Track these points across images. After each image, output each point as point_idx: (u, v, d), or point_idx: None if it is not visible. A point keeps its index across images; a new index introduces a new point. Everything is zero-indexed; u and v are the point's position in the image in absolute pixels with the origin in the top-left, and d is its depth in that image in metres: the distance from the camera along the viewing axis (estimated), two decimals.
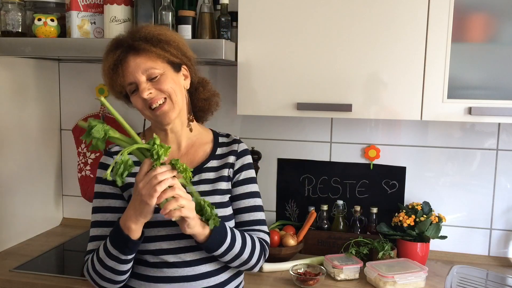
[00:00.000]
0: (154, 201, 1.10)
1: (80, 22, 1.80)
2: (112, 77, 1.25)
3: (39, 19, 1.79)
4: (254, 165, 2.04)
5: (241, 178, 1.37)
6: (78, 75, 2.26)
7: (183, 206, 1.12)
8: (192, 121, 1.38)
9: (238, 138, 1.43)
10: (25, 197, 2.08)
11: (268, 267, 1.78)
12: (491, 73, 1.62)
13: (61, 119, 2.31)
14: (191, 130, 1.37)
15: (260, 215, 1.39)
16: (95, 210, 1.34)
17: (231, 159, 1.37)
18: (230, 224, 1.33)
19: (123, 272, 1.22)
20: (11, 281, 1.70)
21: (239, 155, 1.38)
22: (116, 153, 1.33)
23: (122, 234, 1.17)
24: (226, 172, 1.35)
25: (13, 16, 1.82)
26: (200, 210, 1.20)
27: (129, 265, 1.23)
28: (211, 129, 1.45)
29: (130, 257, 1.20)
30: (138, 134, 1.35)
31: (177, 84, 1.28)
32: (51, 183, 2.27)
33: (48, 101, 2.22)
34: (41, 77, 2.16)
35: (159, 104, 1.25)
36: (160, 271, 1.27)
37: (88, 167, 2.22)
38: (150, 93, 1.23)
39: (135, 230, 1.17)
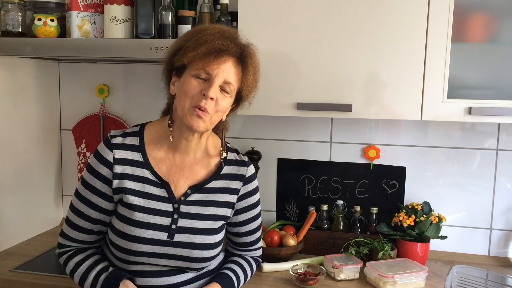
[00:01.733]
0: None
1: (80, 22, 1.80)
2: (198, 52, 1.18)
3: (39, 19, 1.79)
4: (254, 165, 2.05)
5: (245, 205, 1.37)
6: (78, 75, 2.26)
7: None
8: (224, 154, 1.34)
9: (248, 161, 1.39)
10: (25, 197, 2.08)
11: (268, 267, 1.78)
12: (491, 73, 1.62)
13: (61, 119, 2.31)
14: (221, 157, 1.34)
15: (259, 233, 1.45)
16: (81, 198, 1.29)
17: (237, 184, 1.34)
18: (217, 250, 1.32)
19: None
20: (11, 281, 1.70)
21: (246, 181, 1.36)
22: (117, 146, 1.27)
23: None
24: (229, 198, 1.33)
25: (13, 16, 1.82)
26: None
27: None
28: (220, 138, 1.38)
29: None
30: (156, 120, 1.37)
31: (225, 111, 1.28)
32: (51, 183, 2.27)
33: (48, 101, 2.22)
34: (41, 77, 2.16)
35: (202, 111, 1.20)
36: (137, 280, 1.28)
37: None
38: (212, 98, 1.20)
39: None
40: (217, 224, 1.31)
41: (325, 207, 1.99)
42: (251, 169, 1.38)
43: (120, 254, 1.27)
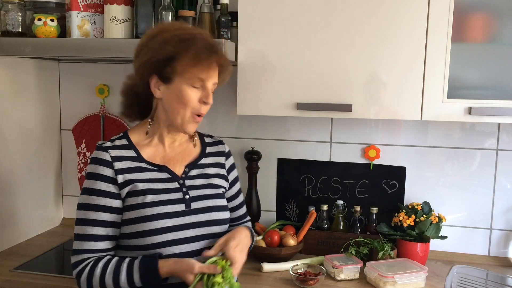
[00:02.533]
0: None
1: (80, 22, 1.80)
2: (199, 68, 1.26)
3: (39, 19, 1.79)
4: (254, 165, 2.07)
5: (233, 178, 1.51)
6: (78, 75, 2.26)
7: None
8: (195, 136, 1.47)
9: (221, 139, 1.53)
10: (25, 197, 2.08)
11: (268, 267, 1.78)
12: (491, 73, 1.62)
13: (61, 119, 2.31)
14: (195, 137, 1.47)
15: (245, 208, 1.58)
16: (88, 207, 1.29)
17: (221, 159, 1.48)
18: (228, 213, 1.42)
19: None
20: (11, 281, 1.70)
21: (227, 155, 1.50)
22: (110, 147, 1.32)
23: (157, 274, 1.24)
24: (220, 171, 1.46)
25: (13, 16, 1.81)
26: None
27: None
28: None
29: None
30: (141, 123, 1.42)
31: None
32: (51, 183, 2.27)
33: (48, 101, 2.22)
34: (41, 77, 2.16)
35: (199, 116, 1.33)
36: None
37: None
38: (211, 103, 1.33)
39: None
40: (220, 190, 1.43)
41: (325, 207, 1.99)
42: (226, 146, 1.53)
43: (147, 240, 1.27)
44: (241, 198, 1.55)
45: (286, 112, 1.73)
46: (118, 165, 1.30)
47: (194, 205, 1.34)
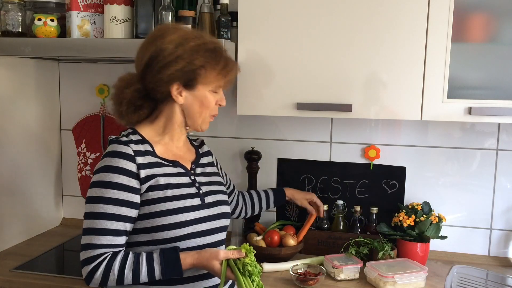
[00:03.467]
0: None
1: (80, 22, 1.80)
2: (218, 69, 1.35)
3: (39, 19, 1.79)
4: (254, 165, 2.07)
5: (223, 170, 1.68)
6: (78, 75, 2.26)
7: None
8: (189, 133, 1.57)
9: (200, 138, 1.63)
10: (25, 197, 2.08)
11: (268, 267, 1.78)
12: (491, 73, 1.62)
13: (61, 119, 2.31)
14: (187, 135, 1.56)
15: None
16: (109, 201, 1.25)
17: (211, 158, 1.57)
18: (229, 208, 1.52)
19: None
20: (11, 281, 1.70)
21: (211, 153, 1.60)
22: (129, 141, 1.32)
23: (179, 265, 1.26)
24: (215, 169, 1.56)
25: (13, 16, 1.81)
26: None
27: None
28: None
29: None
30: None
31: None
32: (51, 183, 2.27)
33: (48, 101, 2.22)
34: (41, 77, 2.16)
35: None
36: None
37: (88, 167, 2.22)
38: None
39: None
40: (222, 187, 1.52)
41: (325, 207, 1.98)
42: (206, 145, 1.62)
43: (169, 234, 1.29)
44: (227, 176, 1.71)
45: (286, 112, 1.73)
46: (140, 159, 1.31)
47: (208, 199, 1.40)
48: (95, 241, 1.24)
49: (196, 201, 1.36)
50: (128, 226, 1.28)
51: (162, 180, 1.32)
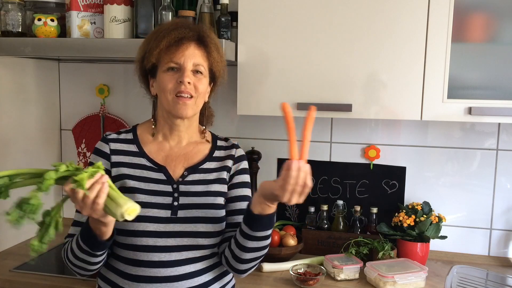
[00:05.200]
0: (100, 213, 1.12)
1: (80, 22, 1.80)
2: (160, 48, 1.28)
3: (39, 19, 1.79)
4: (254, 165, 2.06)
5: (236, 181, 1.39)
6: (78, 75, 2.26)
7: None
8: (205, 132, 1.42)
9: (236, 144, 1.44)
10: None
11: (268, 267, 1.78)
12: (491, 73, 1.62)
13: (61, 119, 2.31)
14: (205, 135, 1.42)
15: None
16: None
17: (229, 163, 1.39)
18: (221, 225, 1.32)
19: (94, 263, 1.26)
20: (11, 281, 1.70)
21: (236, 160, 1.40)
22: (112, 139, 1.35)
23: (91, 232, 1.20)
24: (224, 175, 1.37)
25: (13, 16, 1.81)
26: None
27: (101, 258, 1.25)
28: (210, 132, 1.46)
29: (99, 253, 1.23)
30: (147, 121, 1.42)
31: (206, 92, 1.36)
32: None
33: (48, 101, 2.22)
34: (41, 77, 2.16)
35: (186, 97, 1.29)
36: (142, 270, 1.26)
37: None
38: (189, 83, 1.28)
39: (104, 233, 1.18)
40: (218, 200, 1.34)
41: (325, 207, 1.99)
42: (240, 151, 1.43)
43: (127, 240, 1.27)
44: (241, 205, 1.36)
45: None
46: (115, 158, 1.31)
47: (181, 213, 1.28)
48: (71, 227, 1.35)
49: (165, 213, 1.26)
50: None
51: (131, 183, 1.28)
